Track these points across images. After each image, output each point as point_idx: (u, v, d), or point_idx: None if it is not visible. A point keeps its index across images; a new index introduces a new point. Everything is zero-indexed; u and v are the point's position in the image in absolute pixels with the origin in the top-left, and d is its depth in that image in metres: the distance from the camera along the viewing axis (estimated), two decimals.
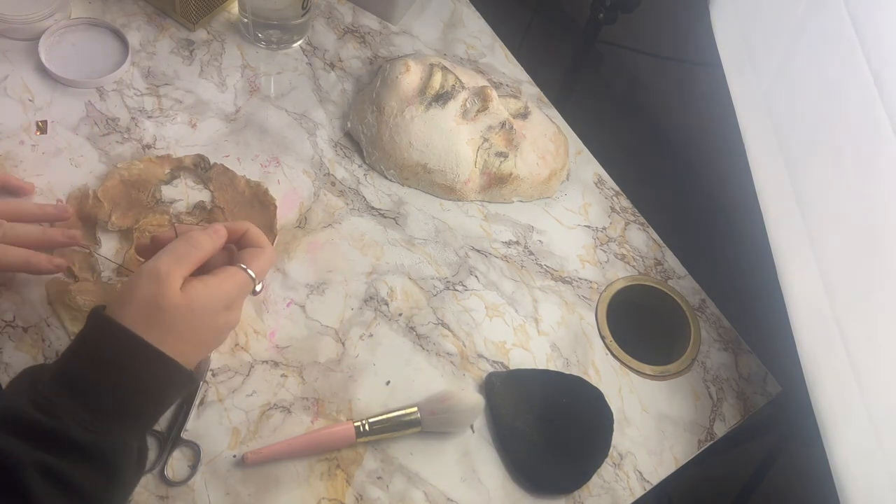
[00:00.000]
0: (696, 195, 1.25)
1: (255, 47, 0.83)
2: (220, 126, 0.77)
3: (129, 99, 0.76)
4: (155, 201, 0.70)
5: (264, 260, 0.58)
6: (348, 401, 0.65)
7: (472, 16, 0.92)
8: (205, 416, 0.62)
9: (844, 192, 0.59)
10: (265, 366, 0.65)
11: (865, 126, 0.56)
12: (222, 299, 0.54)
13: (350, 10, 0.89)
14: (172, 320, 0.51)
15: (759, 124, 0.70)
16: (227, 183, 0.72)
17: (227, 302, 0.55)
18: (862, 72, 0.57)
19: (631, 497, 0.65)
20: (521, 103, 0.80)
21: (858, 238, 0.57)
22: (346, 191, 0.76)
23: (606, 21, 1.04)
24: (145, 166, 0.70)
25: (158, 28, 0.81)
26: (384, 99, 0.76)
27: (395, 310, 0.70)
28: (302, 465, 0.61)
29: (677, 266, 0.78)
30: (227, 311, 0.55)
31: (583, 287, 0.75)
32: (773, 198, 0.68)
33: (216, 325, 0.55)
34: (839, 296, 0.59)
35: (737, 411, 0.70)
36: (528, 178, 0.77)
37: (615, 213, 0.80)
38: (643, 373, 0.71)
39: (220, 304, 0.54)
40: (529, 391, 0.67)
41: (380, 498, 0.61)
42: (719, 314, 0.76)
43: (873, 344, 0.55)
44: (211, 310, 0.53)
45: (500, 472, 0.64)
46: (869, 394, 0.55)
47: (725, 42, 0.77)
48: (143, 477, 0.58)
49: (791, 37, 0.68)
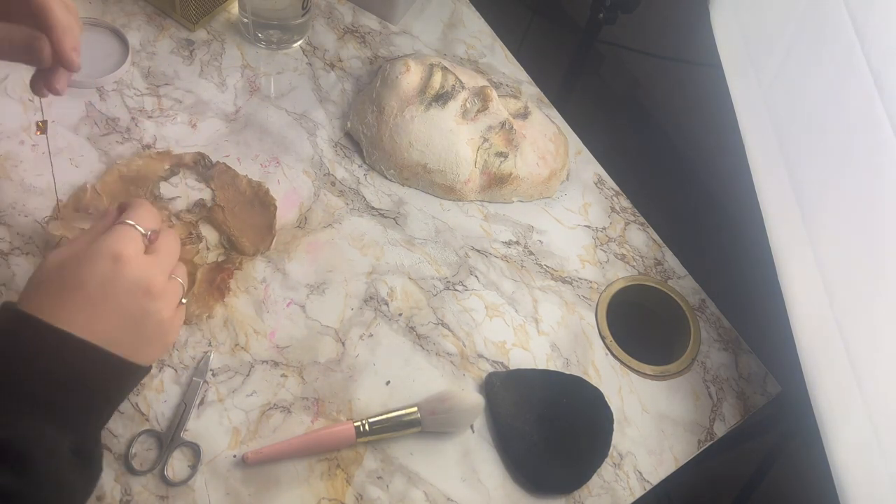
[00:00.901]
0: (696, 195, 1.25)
1: (255, 47, 0.83)
2: (220, 126, 0.77)
3: (129, 99, 0.76)
4: (153, 198, 0.70)
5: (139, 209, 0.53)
6: (348, 401, 0.65)
7: (472, 16, 0.92)
8: (205, 416, 0.62)
9: (844, 192, 0.59)
10: (265, 366, 0.65)
11: (865, 126, 0.56)
12: (107, 248, 0.50)
13: (350, 10, 0.89)
14: (58, 290, 0.48)
15: (759, 124, 0.70)
16: (228, 182, 0.72)
17: (113, 252, 0.50)
18: (862, 72, 0.57)
19: (631, 497, 0.65)
20: (521, 103, 0.80)
21: (858, 238, 0.57)
22: (346, 191, 0.76)
23: (606, 21, 1.04)
24: (145, 162, 0.71)
25: (158, 28, 0.81)
26: (384, 99, 0.76)
27: (395, 310, 0.70)
28: (302, 465, 0.61)
29: (677, 266, 0.78)
30: (114, 262, 0.49)
31: (583, 287, 0.75)
32: (773, 198, 0.68)
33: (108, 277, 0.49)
34: (839, 296, 0.59)
35: (737, 411, 0.70)
36: (528, 178, 0.77)
37: (615, 213, 0.80)
38: (643, 373, 0.71)
39: (102, 255, 0.50)
40: (529, 391, 0.67)
41: (380, 498, 0.61)
42: (719, 314, 0.76)
43: (873, 344, 0.55)
44: (92, 260, 0.49)
45: (500, 472, 0.64)
46: (869, 394, 0.55)
47: (725, 42, 0.77)
48: (143, 477, 0.58)
49: (791, 37, 0.68)
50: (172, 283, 0.54)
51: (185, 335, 0.65)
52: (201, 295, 0.65)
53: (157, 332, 0.52)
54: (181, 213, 0.70)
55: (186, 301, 0.56)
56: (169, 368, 0.63)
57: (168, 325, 0.53)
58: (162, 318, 0.52)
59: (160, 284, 0.52)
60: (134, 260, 0.50)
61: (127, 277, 0.50)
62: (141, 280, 0.50)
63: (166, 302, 0.52)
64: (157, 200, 0.70)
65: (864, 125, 0.57)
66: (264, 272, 0.69)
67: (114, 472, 0.58)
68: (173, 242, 0.55)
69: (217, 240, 0.70)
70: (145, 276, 0.51)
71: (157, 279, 0.51)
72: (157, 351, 0.54)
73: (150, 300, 0.51)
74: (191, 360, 0.64)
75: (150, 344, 0.52)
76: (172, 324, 0.53)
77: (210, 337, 0.65)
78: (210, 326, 0.65)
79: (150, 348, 0.53)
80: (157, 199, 0.70)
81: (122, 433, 0.60)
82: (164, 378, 0.63)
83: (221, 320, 0.66)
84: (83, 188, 0.68)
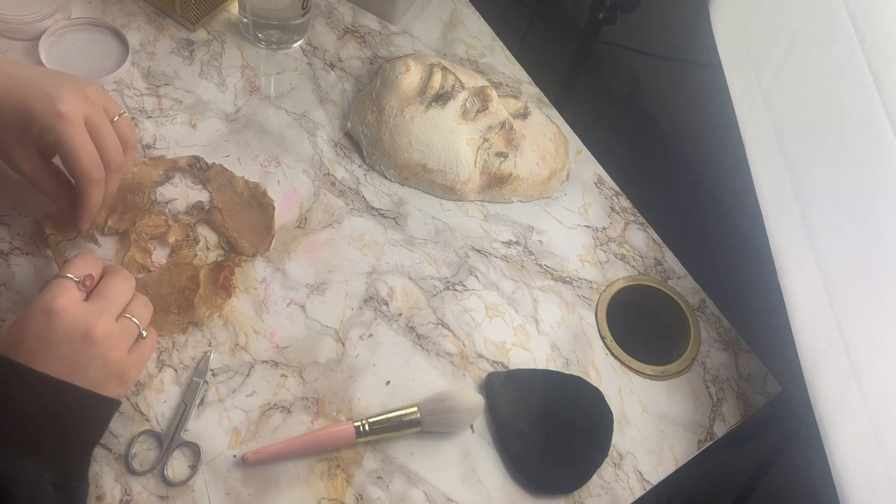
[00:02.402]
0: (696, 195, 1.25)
1: (255, 47, 0.83)
2: (220, 126, 0.77)
3: (130, 99, 0.76)
4: (150, 203, 0.70)
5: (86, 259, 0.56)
6: (348, 401, 0.65)
7: (471, 16, 0.92)
8: (205, 416, 0.62)
9: (844, 192, 0.59)
10: (265, 366, 0.65)
11: (865, 126, 0.56)
12: (40, 305, 0.52)
13: (350, 10, 0.89)
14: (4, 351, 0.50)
15: (759, 124, 0.70)
16: (225, 183, 0.72)
17: (44, 307, 0.52)
18: (862, 72, 0.57)
19: (631, 497, 0.65)
20: (521, 103, 0.80)
21: (858, 238, 0.57)
22: (346, 191, 0.76)
23: (606, 21, 1.04)
24: (139, 169, 0.70)
25: (158, 28, 0.81)
26: (384, 99, 0.76)
27: (395, 310, 0.70)
28: (302, 465, 0.61)
29: (677, 266, 0.78)
30: (47, 316, 0.52)
31: (583, 287, 0.75)
32: (773, 198, 0.68)
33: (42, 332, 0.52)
34: (839, 296, 0.59)
35: (737, 411, 0.70)
36: (527, 178, 0.77)
37: (615, 213, 0.80)
38: (643, 373, 0.71)
39: (37, 311, 0.52)
40: (529, 391, 0.67)
41: (380, 498, 0.61)
42: (719, 314, 0.76)
43: (873, 344, 0.55)
44: (29, 318, 0.52)
45: (500, 472, 0.64)
46: (869, 394, 0.55)
47: (725, 42, 0.77)
48: (143, 477, 0.58)
49: (791, 37, 0.68)
50: (121, 323, 0.55)
51: (186, 335, 0.65)
52: (207, 296, 0.65)
53: (106, 373, 0.53)
54: (179, 216, 0.70)
55: (147, 334, 0.58)
56: (169, 368, 0.63)
57: (121, 365, 0.54)
58: (107, 360, 0.53)
59: (101, 329, 0.53)
60: (66, 310, 0.52)
61: (61, 329, 0.52)
62: (76, 329, 0.52)
63: (111, 344, 0.54)
64: (156, 205, 0.70)
65: (864, 125, 0.57)
66: (264, 272, 0.69)
67: (114, 472, 0.58)
68: (118, 284, 0.56)
69: (216, 241, 0.70)
70: (81, 324, 0.52)
71: (97, 325, 0.53)
72: (116, 390, 0.55)
73: (89, 345, 0.52)
74: (191, 360, 0.64)
75: (105, 386, 0.54)
76: (125, 363, 0.55)
77: (210, 337, 0.65)
78: (210, 326, 0.65)
79: (107, 389, 0.54)
80: (156, 204, 0.70)
81: (122, 433, 0.60)
82: (164, 378, 0.63)
83: (221, 320, 0.66)
84: None
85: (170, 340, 0.64)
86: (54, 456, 0.50)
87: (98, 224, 0.67)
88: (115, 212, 0.68)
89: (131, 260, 0.66)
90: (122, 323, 0.55)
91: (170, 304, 0.65)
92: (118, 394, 0.55)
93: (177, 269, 0.66)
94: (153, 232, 0.68)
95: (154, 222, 0.68)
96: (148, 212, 0.69)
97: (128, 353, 0.55)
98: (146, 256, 0.67)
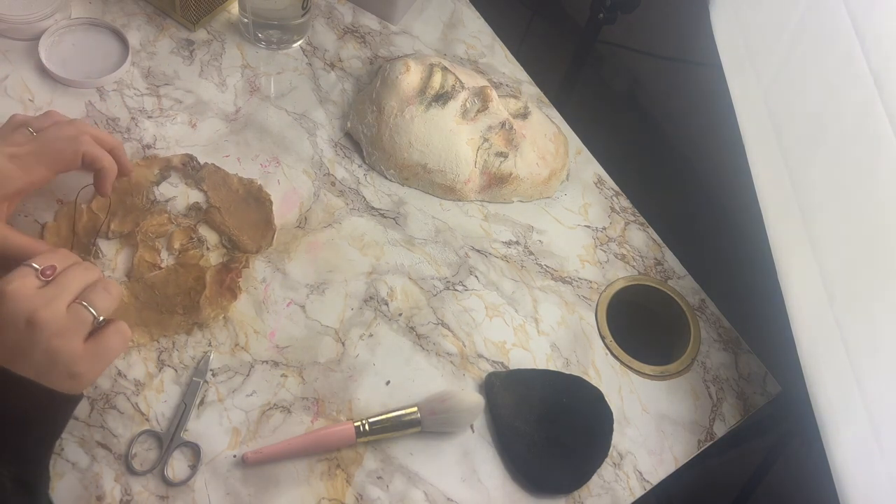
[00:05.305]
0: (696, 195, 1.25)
1: (255, 47, 0.83)
2: (220, 126, 0.77)
3: (130, 99, 0.76)
4: (150, 203, 0.70)
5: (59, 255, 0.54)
6: (348, 401, 0.65)
7: (472, 16, 0.92)
8: (205, 416, 0.62)
9: (844, 192, 0.59)
10: (265, 366, 0.65)
11: (865, 126, 0.56)
12: None
13: (350, 10, 0.89)
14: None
15: (759, 124, 0.70)
16: (219, 182, 0.72)
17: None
18: (862, 72, 0.57)
19: (631, 497, 0.65)
20: (521, 103, 0.80)
21: (858, 238, 0.57)
22: (346, 191, 0.76)
23: (606, 21, 1.04)
24: (134, 170, 0.70)
25: (158, 28, 0.81)
26: (384, 99, 0.76)
27: (395, 310, 0.70)
28: (302, 465, 0.61)
29: (677, 266, 0.78)
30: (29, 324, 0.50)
31: (583, 287, 0.75)
32: (773, 198, 0.68)
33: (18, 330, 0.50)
34: (839, 296, 0.59)
35: (737, 411, 0.70)
36: (527, 178, 0.77)
37: (615, 213, 0.80)
38: (643, 373, 0.71)
39: None
40: (529, 391, 0.67)
41: (380, 498, 0.61)
42: (719, 314, 0.76)
43: (873, 344, 0.55)
44: None
45: (500, 472, 0.64)
46: (869, 394, 0.55)
47: (725, 42, 0.77)
48: (143, 477, 0.58)
49: (791, 37, 0.68)
50: (73, 311, 0.52)
51: (186, 335, 0.65)
52: (213, 297, 0.65)
53: (49, 362, 0.51)
54: (179, 219, 0.70)
55: (109, 325, 0.54)
56: (169, 368, 0.63)
57: (68, 355, 0.51)
58: (51, 348, 0.50)
59: (46, 315, 0.50)
60: (13, 294, 0.50)
61: (6, 313, 0.50)
62: (21, 313, 0.50)
63: (57, 330, 0.51)
64: (155, 205, 0.70)
65: (864, 125, 0.57)
66: (264, 272, 0.69)
67: (114, 472, 0.58)
68: (76, 272, 0.54)
69: (217, 241, 0.70)
70: (26, 308, 0.50)
71: (43, 310, 0.50)
72: (67, 383, 0.52)
73: (33, 331, 0.50)
74: (191, 360, 0.64)
75: (52, 377, 0.51)
76: (74, 353, 0.51)
77: (210, 337, 0.65)
78: (210, 326, 0.65)
79: (56, 381, 0.51)
80: (155, 204, 0.70)
81: (122, 433, 0.60)
82: (164, 378, 0.63)
83: (222, 320, 0.66)
84: (79, 209, 0.68)
85: (170, 340, 0.64)
86: (6, 450, 0.49)
87: (102, 231, 0.67)
88: (117, 215, 0.68)
89: (141, 260, 0.66)
90: (74, 310, 0.52)
91: (175, 304, 0.65)
92: (69, 388, 0.52)
93: (183, 269, 0.66)
94: (158, 230, 0.68)
95: (157, 221, 0.69)
96: (149, 212, 0.69)
97: (83, 343, 0.52)
98: (155, 255, 0.67)
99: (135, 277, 0.66)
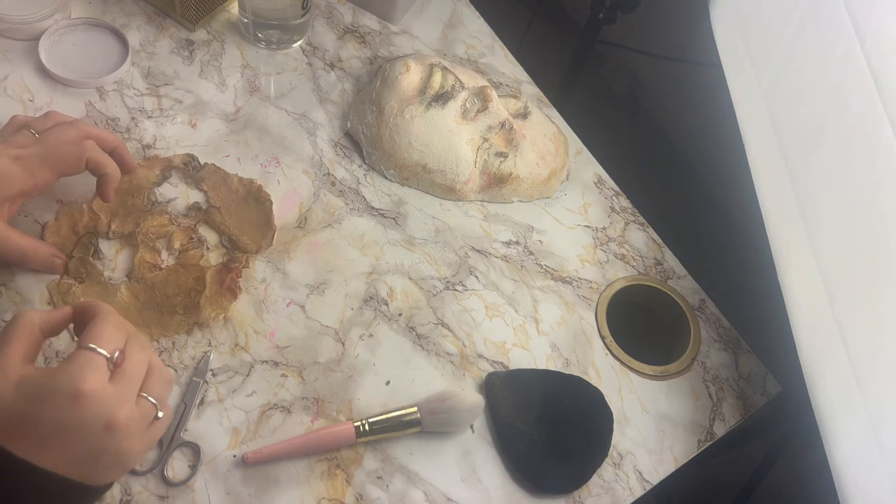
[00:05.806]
0: (696, 195, 1.25)
1: (255, 47, 0.83)
2: (220, 126, 0.77)
3: (129, 99, 0.76)
4: (151, 204, 0.70)
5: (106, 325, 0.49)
6: (348, 401, 0.65)
7: (472, 16, 0.92)
8: (205, 416, 0.62)
9: (844, 192, 0.59)
10: (265, 366, 0.65)
11: (865, 126, 0.56)
12: (65, 385, 0.45)
13: (350, 10, 0.89)
14: (13, 422, 0.45)
15: (759, 124, 0.70)
16: (219, 182, 0.72)
17: (71, 389, 0.45)
18: (862, 72, 0.57)
19: (631, 497, 0.65)
20: (521, 103, 0.80)
21: (858, 238, 0.57)
22: (346, 191, 0.76)
23: (606, 21, 1.04)
24: (137, 169, 0.70)
25: (158, 28, 0.81)
26: (384, 99, 0.76)
27: (395, 310, 0.70)
28: (302, 465, 0.61)
29: (677, 266, 0.78)
30: (73, 401, 0.45)
31: (583, 287, 0.75)
32: (773, 198, 0.68)
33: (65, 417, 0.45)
34: (839, 296, 0.59)
35: (737, 411, 0.70)
36: (527, 178, 0.77)
37: (615, 213, 0.80)
38: (643, 373, 0.71)
39: (61, 392, 0.46)
40: (529, 391, 0.67)
41: (380, 498, 0.61)
42: (719, 314, 0.76)
43: (873, 344, 0.55)
44: (49, 398, 0.46)
45: (500, 472, 0.64)
46: (869, 394, 0.55)
47: (725, 42, 0.77)
48: (143, 477, 0.58)
49: (791, 37, 0.68)
50: (140, 405, 0.49)
51: (186, 335, 0.65)
52: (213, 297, 0.65)
53: (114, 462, 0.48)
54: (179, 219, 0.70)
55: (163, 415, 0.50)
56: (169, 368, 0.63)
57: (130, 456, 0.48)
58: (120, 450, 0.47)
59: (123, 417, 0.47)
60: (94, 396, 0.46)
61: (85, 417, 0.46)
62: (100, 417, 0.46)
63: (129, 432, 0.48)
64: (156, 206, 0.70)
65: (864, 125, 0.57)
66: (264, 272, 0.69)
67: None
68: (140, 354, 0.50)
69: (217, 241, 0.70)
70: (106, 412, 0.46)
71: (120, 412, 0.47)
72: (113, 475, 0.49)
73: (109, 436, 0.46)
74: (191, 360, 0.64)
75: (107, 472, 0.48)
76: (134, 452, 0.49)
77: (210, 337, 0.65)
78: (210, 327, 0.65)
79: (107, 475, 0.49)
80: (156, 205, 0.70)
81: None
82: None
83: (221, 320, 0.66)
84: (79, 209, 0.68)
85: (170, 340, 0.64)
86: None
87: (102, 231, 0.67)
88: (118, 216, 0.68)
89: (141, 260, 0.66)
90: (142, 406, 0.49)
91: (175, 304, 0.65)
92: (114, 479, 0.50)
93: (184, 269, 0.66)
94: (159, 231, 0.68)
95: (158, 222, 0.69)
96: (150, 212, 0.69)
97: (140, 437, 0.49)
98: (156, 256, 0.67)
99: (135, 278, 0.66)
